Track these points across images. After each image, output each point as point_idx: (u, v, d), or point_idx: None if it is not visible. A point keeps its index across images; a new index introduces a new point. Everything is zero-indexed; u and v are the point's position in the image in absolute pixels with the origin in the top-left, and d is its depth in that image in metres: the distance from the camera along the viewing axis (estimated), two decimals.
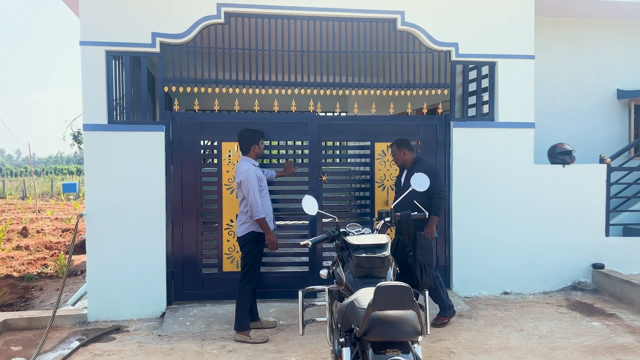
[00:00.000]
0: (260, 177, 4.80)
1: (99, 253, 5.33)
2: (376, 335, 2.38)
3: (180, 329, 5.04)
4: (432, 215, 4.89)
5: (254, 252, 4.80)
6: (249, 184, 4.64)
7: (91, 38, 5.26)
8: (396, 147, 5.15)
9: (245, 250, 4.83)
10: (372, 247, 3.08)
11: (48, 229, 12.47)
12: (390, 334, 2.37)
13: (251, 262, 4.80)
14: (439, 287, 5.05)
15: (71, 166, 60.49)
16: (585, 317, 5.30)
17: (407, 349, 2.38)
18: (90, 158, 5.33)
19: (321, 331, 4.82)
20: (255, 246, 4.81)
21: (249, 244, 4.80)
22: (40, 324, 5.09)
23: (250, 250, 4.79)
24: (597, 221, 6.29)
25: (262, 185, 4.83)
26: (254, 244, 4.80)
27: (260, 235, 4.82)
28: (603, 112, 7.84)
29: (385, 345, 2.38)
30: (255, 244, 4.81)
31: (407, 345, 2.40)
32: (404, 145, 5.13)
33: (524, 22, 6.01)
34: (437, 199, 4.90)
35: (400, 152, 5.13)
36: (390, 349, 2.35)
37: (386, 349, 2.36)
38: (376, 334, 2.38)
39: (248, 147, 4.87)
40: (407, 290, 2.29)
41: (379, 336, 2.38)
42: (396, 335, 2.37)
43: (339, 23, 5.70)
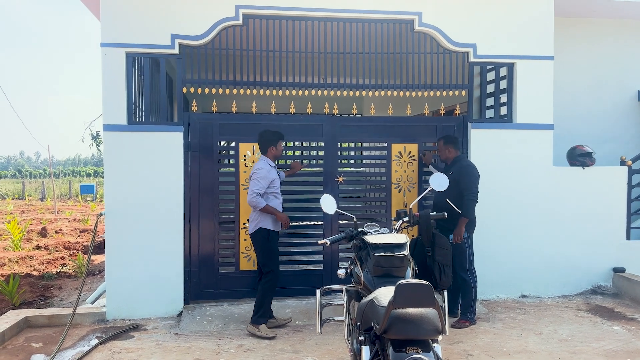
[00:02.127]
0: (272, 178, 4.86)
1: (117, 252, 5.39)
2: (396, 333, 2.37)
3: (197, 327, 5.07)
4: (462, 216, 4.89)
5: (267, 249, 4.84)
6: (256, 176, 4.78)
7: (111, 40, 5.33)
8: (442, 143, 5.25)
9: (258, 250, 4.90)
10: (391, 247, 3.07)
11: (66, 230, 12.63)
12: (411, 332, 2.35)
13: (266, 260, 4.84)
14: (474, 289, 5.06)
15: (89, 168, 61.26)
16: (605, 321, 5.22)
17: (427, 347, 2.36)
18: (110, 158, 5.39)
19: (338, 331, 4.81)
20: (268, 244, 4.84)
21: (260, 242, 4.85)
22: (60, 322, 5.16)
23: (262, 248, 4.85)
24: (617, 224, 6.20)
25: (275, 186, 4.90)
26: (265, 241, 4.84)
27: (271, 232, 4.85)
28: (623, 114, 7.72)
29: (405, 343, 2.37)
30: (267, 242, 4.84)
31: (427, 343, 2.38)
32: (450, 143, 5.22)
33: (543, 23, 5.96)
34: (467, 200, 4.91)
35: (445, 149, 5.23)
36: (410, 347, 2.33)
37: (406, 346, 2.34)
38: (396, 331, 2.36)
39: (266, 148, 4.96)
40: (428, 288, 2.28)
41: (400, 334, 2.37)
42: (417, 333, 2.35)
43: (357, 24, 5.70)
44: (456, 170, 5.03)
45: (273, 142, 4.94)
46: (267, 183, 4.78)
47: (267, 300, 4.85)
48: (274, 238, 4.91)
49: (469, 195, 4.91)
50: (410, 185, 5.88)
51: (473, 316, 5.09)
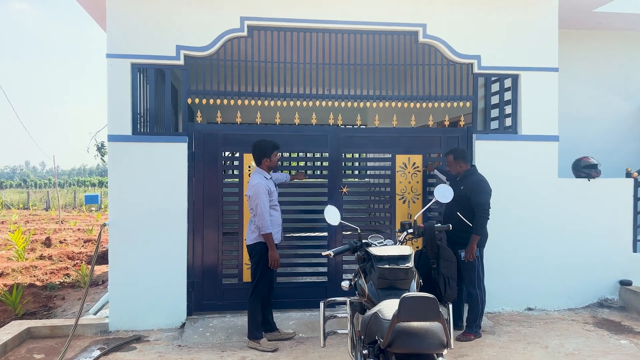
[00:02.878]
0: (270, 190, 4.78)
1: (121, 263, 5.37)
2: (401, 347, 2.34)
3: (200, 339, 5.04)
4: (474, 234, 4.86)
5: (263, 263, 4.78)
6: (258, 199, 4.65)
7: (117, 51, 5.36)
8: (453, 159, 5.16)
9: (254, 261, 4.84)
10: (395, 259, 3.05)
11: (70, 240, 12.64)
12: (416, 346, 2.33)
13: (259, 273, 4.79)
14: (481, 303, 5.02)
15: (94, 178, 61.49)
16: (612, 335, 5.15)
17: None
18: (114, 168, 5.40)
19: (342, 344, 4.77)
20: (264, 258, 4.78)
21: (257, 255, 4.80)
22: (62, 333, 5.14)
23: (258, 261, 4.79)
24: (624, 237, 6.15)
25: (272, 199, 4.82)
26: (262, 255, 4.78)
27: None
28: (629, 126, 7.69)
29: (409, 358, 2.34)
30: (264, 256, 4.78)
31: (432, 357, 2.35)
32: (461, 158, 5.15)
33: (547, 35, 5.96)
34: (479, 217, 4.88)
35: (457, 164, 5.15)
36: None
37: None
38: (401, 345, 2.34)
39: (260, 160, 4.88)
40: (432, 301, 2.26)
41: (404, 348, 2.34)
42: (421, 347, 2.32)
43: (361, 36, 5.72)
44: (468, 185, 4.98)
45: (267, 153, 4.84)
46: (267, 199, 4.71)
47: (256, 314, 4.79)
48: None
49: (481, 212, 4.87)
50: (415, 196, 5.86)
51: (478, 329, 5.04)
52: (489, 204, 4.95)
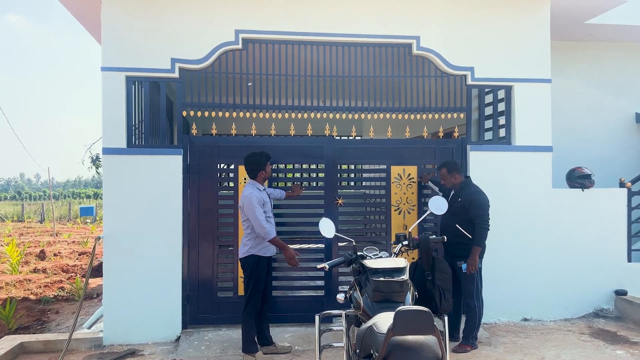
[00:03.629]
0: (264, 201, 4.77)
1: (115, 276, 5.35)
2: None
3: (195, 353, 5.00)
4: (475, 245, 4.86)
5: (255, 277, 4.74)
6: (251, 209, 4.62)
7: (112, 64, 5.38)
8: (447, 172, 5.11)
9: (246, 275, 4.79)
10: (390, 271, 3.05)
11: (65, 252, 12.57)
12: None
13: (252, 287, 4.74)
14: (479, 314, 5.01)
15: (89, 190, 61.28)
16: (608, 345, 5.15)
17: None
18: (109, 181, 5.39)
19: (337, 357, 4.74)
20: (256, 271, 4.75)
21: (249, 268, 4.75)
22: (56, 347, 5.09)
23: (250, 274, 4.75)
24: (618, 246, 6.17)
25: (266, 210, 4.79)
26: (254, 268, 4.74)
27: (262, 259, 4.77)
28: (622, 136, 7.75)
29: None
30: (256, 269, 4.75)
31: None
32: (455, 170, 5.12)
33: (540, 46, 6.02)
34: (479, 229, 4.88)
35: (451, 177, 5.11)
36: None
37: None
38: (396, 359, 2.33)
39: (255, 173, 4.85)
40: (427, 314, 2.26)
41: None
42: None
43: (355, 48, 5.76)
44: (465, 197, 4.99)
45: (262, 165, 4.83)
46: (261, 208, 4.68)
47: (250, 328, 4.76)
48: (263, 265, 4.80)
49: (481, 223, 4.88)
50: (410, 207, 5.87)
51: (475, 341, 5.02)
52: (488, 214, 4.96)
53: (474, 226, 4.90)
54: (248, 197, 4.67)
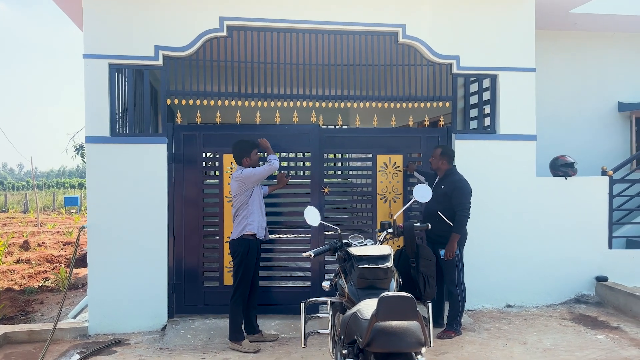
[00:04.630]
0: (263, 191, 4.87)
1: (100, 266, 5.32)
2: (379, 346, 2.36)
3: (181, 342, 5.00)
4: (454, 232, 4.91)
5: (245, 264, 4.76)
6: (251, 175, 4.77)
7: (94, 51, 5.30)
8: (439, 153, 5.18)
9: (236, 262, 4.81)
10: (375, 258, 3.07)
11: (49, 243, 12.44)
12: (394, 345, 2.34)
13: (241, 275, 4.76)
14: (461, 300, 5.08)
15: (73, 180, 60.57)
16: (589, 330, 5.25)
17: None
18: (93, 170, 5.34)
19: (324, 344, 4.78)
20: (246, 259, 4.76)
21: (239, 255, 4.77)
22: (40, 337, 5.06)
23: (240, 262, 4.77)
24: (600, 233, 6.26)
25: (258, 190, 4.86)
26: (244, 255, 4.76)
27: (252, 243, 4.79)
28: (604, 125, 7.84)
29: (388, 357, 2.36)
30: (246, 257, 4.77)
31: (410, 356, 2.37)
32: (446, 155, 5.18)
33: (524, 35, 6.05)
34: (459, 216, 4.94)
35: (440, 160, 5.17)
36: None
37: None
38: (379, 345, 2.35)
39: (240, 159, 4.90)
40: (410, 300, 2.28)
41: (383, 347, 2.36)
42: (400, 346, 2.34)
43: (341, 36, 5.74)
44: (448, 184, 5.04)
45: (246, 152, 4.87)
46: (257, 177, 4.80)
47: (237, 315, 4.78)
48: (253, 250, 4.81)
49: (462, 211, 4.93)
50: (396, 195, 5.89)
51: (459, 327, 5.09)
52: (470, 203, 5.01)
53: (454, 213, 4.95)
54: (235, 175, 4.79)
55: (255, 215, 4.80)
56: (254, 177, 4.78)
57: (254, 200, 4.82)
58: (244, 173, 4.78)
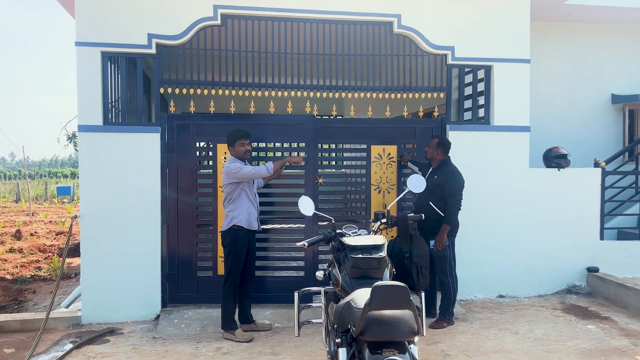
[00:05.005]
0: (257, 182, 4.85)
1: (93, 255, 5.30)
2: (373, 335, 2.37)
3: (175, 331, 5.01)
4: (444, 223, 4.93)
5: (234, 252, 4.77)
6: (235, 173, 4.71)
7: (87, 39, 5.25)
8: (435, 143, 5.18)
9: (225, 251, 4.84)
10: (369, 248, 3.08)
11: (42, 232, 12.39)
12: (387, 334, 2.36)
13: (231, 263, 4.78)
14: (453, 291, 5.11)
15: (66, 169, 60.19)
16: (580, 320, 5.30)
17: (403, 349, 2.37)
18: (85, 159, 5.30)
19: (317, 333, 4.80)
20: (234, 247, 4.77)
21: (228, 245, 4.78)
22: (33, 326, 5.05)
23: (229, 251, 4.79)
24: (591, 225, 6.31)
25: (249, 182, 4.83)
26: (232, 243, 4.77)
27: (240, 233, 4.78)
28: (598, 117, 7.87)
29: (381, 345, 2.37)
30: (234, 245, 4.77)
31: (403, 345, 2.39)
32: (442, 146, 5.19)
33: (519, 26, 6.04)
34: (450, 207, 4.96)
35: (436, 150, 5.18)
36: (386, 348, 2.34)
37: (382, 349, 2.35)
38: (373, 333, 2.36)
39: (230, 148, 4.90)
40: (403, 290, 2.29)
41: (376, 336, 2.37)
42: (393, 335, 2.36)
43: (336, 26, 5.71)
44: (441, 175, 5.06)
45: (230, 142, 4.85)
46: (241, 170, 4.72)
47: (229, 305, 4.80)
48: (241, 240, 4.80)
49: (453, 202, 4.95)
50: (390, 186, 5.90)
51: (451, 317, 5.13)
52: (462, 194, 5.03)
53: (446, 204, 4.97)
54: (226, 167, 4.77)
55: (242, 208, 4.78)
56: (237, 175, 4.72)
57: (241, 194, 4.79)
58: (229, 167, 4.75)
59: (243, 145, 4.83)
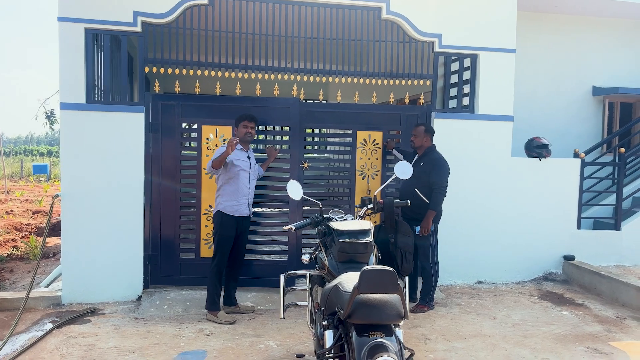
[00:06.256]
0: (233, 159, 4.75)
1: (74, 235, 5.24)
2: (360, 318, 2.41)
3: (157, 312, 5.00)
4: (430, 209, 4.98)
5: (219, 234, 4.81)
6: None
7: (70, 14, 5.12)
8: (424, 130, 5.22)
9: (213, 232, 4.93)
10: (356, 233, 3.11)
11: (18, 211, 12.15)
12: (375, 317, 2.40)
13: (216, 245, 4.84)
14: (435, 276, 5.19)
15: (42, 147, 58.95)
16: (555, 306, 5.45)
17: (390, 331, 2.41)
18: (67, 138, 5.21)
19: (299, 316, 4.85)
20: (220, 229, 4.81)
21: (215, 226, 4.87)
22: (12, 306, 4.99)
23: (215, 232, 4.88)
24: (569, 214, 6.45)
25: (238, 166, 4.80)
26: (219, 226, 4.83)
27: (226, 217, 4.79)
28: (579, 108, 8.01)
29: (368, 328, 2.41)
30: (220, 227, 4.81)
31: (390, 328, 2.43)
32: (430, 133, 5.25)
33: (506, 16, 6.08)
34: (436, 194, 5.01)
35: (425, 137, 5.22)
36: (373, 331, 2.38)
37: (370, 331, 2.39)
38: (360, 316, 2.40)
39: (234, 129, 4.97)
40: (392, 274, 2.32)
41: (364, 319, 2.41)
42: (380, 318, 2.40)
43: (324, 9, 5.66)
44: (428, 162, 5.11)
45: (236, 123, 4.95)
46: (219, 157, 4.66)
47: (213, 286, 4.82)
48: (227, 224, 4.81)
49: (439, 189, 5.01)
50: (374, 172, 5.93)
51: (431, 302, 5.23)
52: (447, 182, 5.09)
53: (431, 191, 5.02)
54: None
55: (225, 197, 4.81)
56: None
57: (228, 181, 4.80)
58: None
59: (245, 127, 4.89)
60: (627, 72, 8.10)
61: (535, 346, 4.36)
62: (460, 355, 4.15)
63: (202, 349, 4.18)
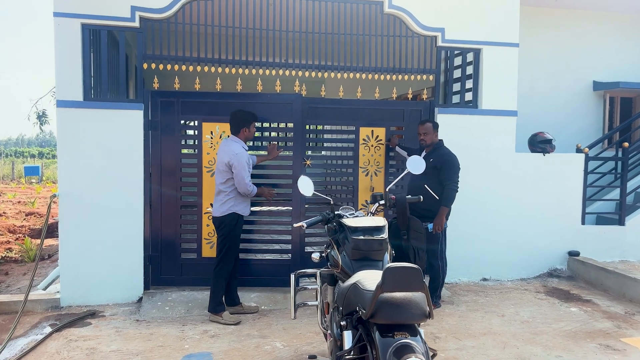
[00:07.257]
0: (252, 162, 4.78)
1: (72, 236, 5.10)
2: (385, 318, 2.31)
3: (159, 314, 4.88)
4: (442, 206, 4.91)
5: (232, 235, 4.69)
6: (240, 168, 4.57)
7: (66, 9, 4.98)
8: (432, 127, 5.15)
9: (222, 233, 4.71)
10: (370, 230, 3.01)
11: (11, 213, 11.95)
12: (399, 316, 2.30)
13: (228, 245, 4.68)
14: (442, 274, 5.11)
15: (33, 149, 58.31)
16: (563, 303, 5.39)
17: (414, 331, 2.31)
18: (64, 136, 5.08)
19: (304, 316, 4.75)
20: (234, 229, 4.69)
21: (227, 227, 4.67)
22: (9, 309, 4.86)
23: (228, 233, 4.68)
24: (574, 209, 6.40)
25: (249, 171, 4.74)
26: (233, 227, 4.68)
27: (240, 219, 4.72)
28: (579, 103, 7.97)
29: (392, 328, 2.31)
30: (234, 228, 4.69)
31: (414, 327, 2.33)
32: (437, 127, 5.20)
33: (509, 10, 6.01)
34: (447, 189, 4.93)
35: (434, 133, 5.15)
36: (398, 331, 2.28)
37: (394, 331, 2.28)
38: (384, 316, 2.30)
39: (238, 129, 4.77)
40: (416, 271, 2.23)
41: (388, 318, 2.31)
42: (405, 318, 2.30)
43: (326, 4, 5.57)
44: (437, 158, 5.02)
45: (247, 123, 4.76)
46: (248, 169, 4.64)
47: (219, 288, 4.70)
48: (240, 225, 4.77)
49: (451, 185, 4.93)
50: (377, 169, 5.84)
51: (438, 300, 5.15)
52: (459, 177, 5.01)
53: (441, 187, 4.95)
54: (239, 156, 4.59)
55: (240, 198, 4.71)
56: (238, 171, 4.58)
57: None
58: (241, 155, 4.60)
59: (254, 127, 4.85)
60: (628, 66, 8.07)
61: (547, 344, 4.29)
62: (472, 354, 4.07)
63: (207, 350, 4.07)
